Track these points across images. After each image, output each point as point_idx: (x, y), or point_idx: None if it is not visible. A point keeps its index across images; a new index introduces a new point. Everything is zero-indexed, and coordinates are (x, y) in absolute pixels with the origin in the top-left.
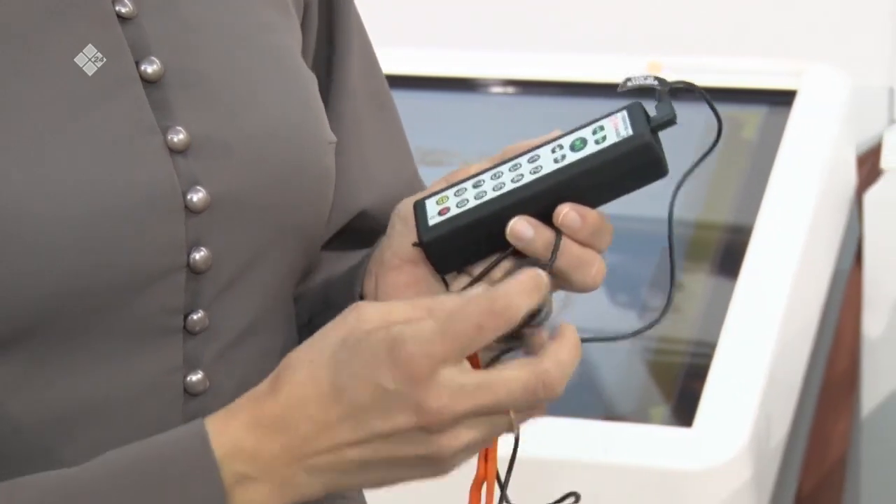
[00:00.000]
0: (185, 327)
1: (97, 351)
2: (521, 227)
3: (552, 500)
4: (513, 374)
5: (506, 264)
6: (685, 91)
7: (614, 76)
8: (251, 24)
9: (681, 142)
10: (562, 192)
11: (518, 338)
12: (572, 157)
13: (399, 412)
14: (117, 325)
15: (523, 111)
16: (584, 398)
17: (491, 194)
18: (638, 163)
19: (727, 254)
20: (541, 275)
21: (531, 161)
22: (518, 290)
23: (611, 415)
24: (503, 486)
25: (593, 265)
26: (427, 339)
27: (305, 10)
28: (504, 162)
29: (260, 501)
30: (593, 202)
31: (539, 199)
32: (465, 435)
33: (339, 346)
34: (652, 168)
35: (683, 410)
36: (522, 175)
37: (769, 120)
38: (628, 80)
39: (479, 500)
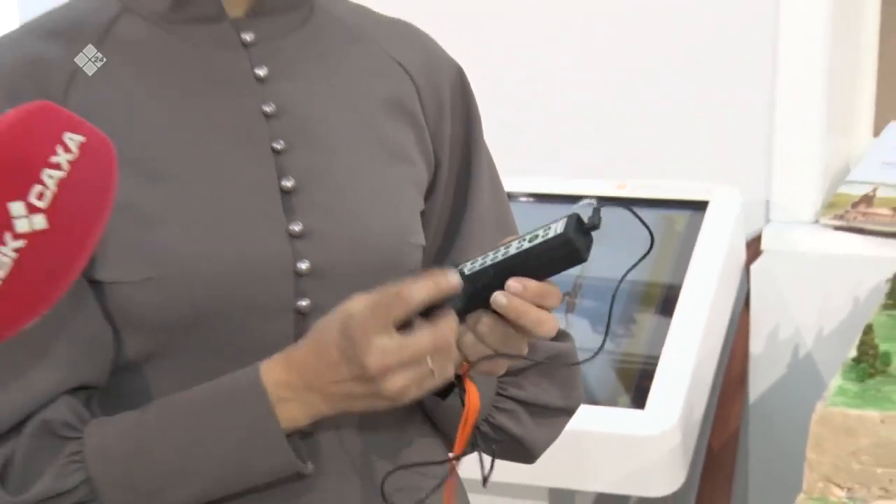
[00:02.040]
0: None
1: (228, 368)
2: (498, 298)
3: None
4: (421, 335)
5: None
6: (643, 201)
7: (591, 192)
8: (371, 160)
9: (638, 240)
10: (514, 268)
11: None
12: (525, 246)
13: (354, 367)
14: (243, 348)
15: (524, 216)
16: None
17: (484, 264)
18: (562, 252)
19: (665, 301)
20: (441, 280)
21: (513, 246)
22: (417, 285)
23: (591, 401)
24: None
25: (541, 317)
26: (362, 317)
27: (437, 167)
28: (509, 241)
29: (294, 413)
30: (539, 275)
31: (501, 271)
32: (399, 379)
33: (330, 322)
34: (572, 255)
35: (639, 399)
36: (500, 254)
37: (692, 219)
38: (581, 199)
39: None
